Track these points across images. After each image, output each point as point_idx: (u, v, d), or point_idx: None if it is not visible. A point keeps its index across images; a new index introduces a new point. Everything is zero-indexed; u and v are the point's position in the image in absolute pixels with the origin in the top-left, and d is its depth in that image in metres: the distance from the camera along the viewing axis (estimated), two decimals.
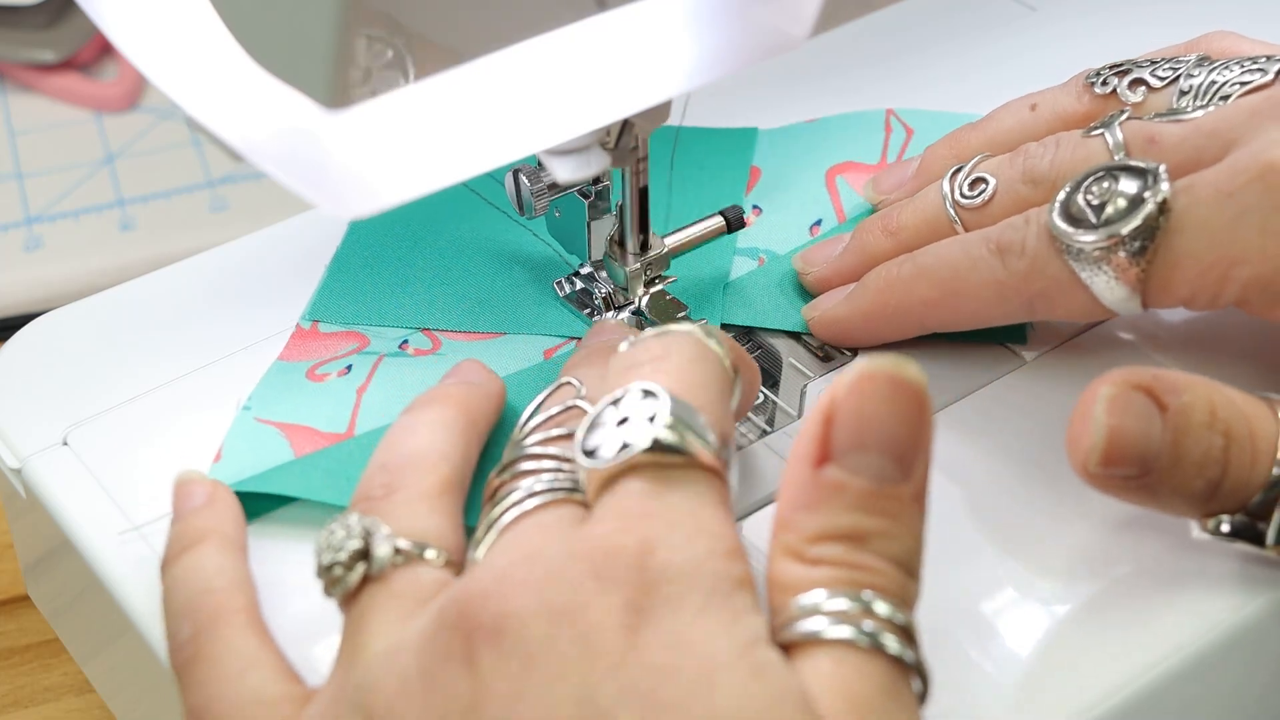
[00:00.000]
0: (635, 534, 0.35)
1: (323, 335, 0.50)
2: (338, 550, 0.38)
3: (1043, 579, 0.43)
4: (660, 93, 0.43)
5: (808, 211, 0.54)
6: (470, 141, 0.39)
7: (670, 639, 0.34)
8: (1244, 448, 0.41)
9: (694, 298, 0.51)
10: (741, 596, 0.35)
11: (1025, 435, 0.47)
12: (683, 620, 0.34)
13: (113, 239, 0.69)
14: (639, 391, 0.37)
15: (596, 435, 0.37)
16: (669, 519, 0.35)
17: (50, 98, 0.76)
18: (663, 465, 0.36)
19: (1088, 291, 0.45)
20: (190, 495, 0.44)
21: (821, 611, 0.35)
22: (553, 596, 0.35)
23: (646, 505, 0.36)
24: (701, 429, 0.37)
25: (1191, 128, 0.46)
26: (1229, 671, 0.43)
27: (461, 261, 0.53)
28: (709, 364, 0.39)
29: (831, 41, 0.63)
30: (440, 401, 0.44)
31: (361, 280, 0.52)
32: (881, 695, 0.34)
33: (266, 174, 0.39)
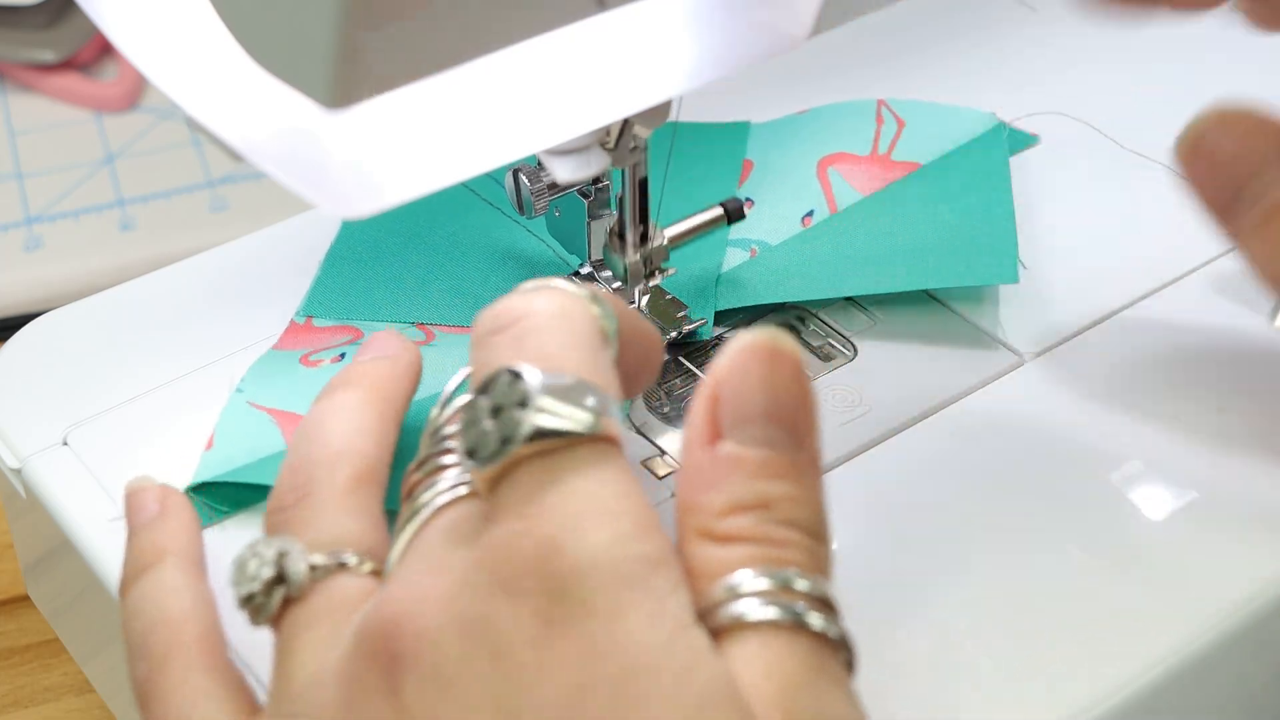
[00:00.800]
0: (533, 534, 0.33)
1: (317, 329, 0.51)
2: (252, 580, 0.37)
3: (1042, 578, 0.43)
4: (660, 93, 0.42)
5: (800, 203, 0.54)
6: (470, 141, 0.39)
7: (587, 647, 0.32)
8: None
9: (687, 290, 0.51)
10: (659, 578, 0.33)
11: (1025, 435, 0.47)
12: (598, 624, 0.32)
13: (113, 239, 0.69)
14: (506, 376, 0.35)
15: (473, 433, 0.35)
16: (566, 510, 0.33)
17: (50, 98, 0.76)
18: (547, 451, 0.34)
19: None
20: (142, 506, 0.43)
21: (744, 593, 0.34)
22: (464, 610, 0.33)
23: (539, 499, 0.34)
24: (580, 399, 0.34)
25: None
26: (1229, 671, 0.43)
27: (455, 257, 0.53)
28: (575, 318, 0.37)
29: (832, 41, 0.63)
30: (349, 384, 0.42)
31: (356, 276, 0.52)
32: (812, 673, 0.34)
33: (266, 174, 0.39)
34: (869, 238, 0.53)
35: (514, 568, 0.33)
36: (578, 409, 0.34)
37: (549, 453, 0.34)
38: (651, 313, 0.50)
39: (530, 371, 0.34)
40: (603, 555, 0.33)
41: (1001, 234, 0.52)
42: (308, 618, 0.37)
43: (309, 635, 0.37)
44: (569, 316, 0.37)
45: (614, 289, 0.50)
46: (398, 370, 0.43)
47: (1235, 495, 0.45)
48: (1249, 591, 0.43)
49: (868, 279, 0.51)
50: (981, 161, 0.55)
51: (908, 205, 0.54)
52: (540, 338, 0.36)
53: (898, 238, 0.53)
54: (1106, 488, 0.46)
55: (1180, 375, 0.49)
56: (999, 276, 0.50)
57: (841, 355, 0.50)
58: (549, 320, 0.36)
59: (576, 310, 0.37)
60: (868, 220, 0.54)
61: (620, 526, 0.33)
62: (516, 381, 0.34)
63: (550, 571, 0.33)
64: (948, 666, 0.41)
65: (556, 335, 0.36)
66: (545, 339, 0.36)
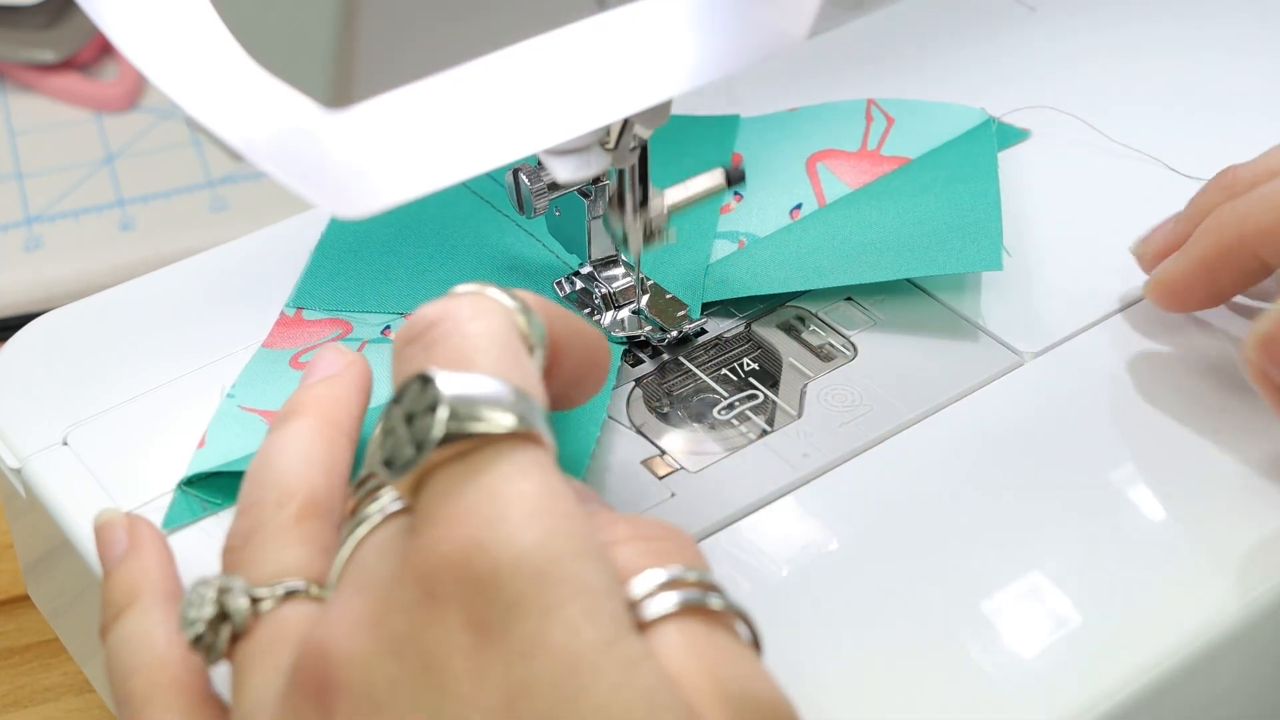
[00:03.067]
0: (455, 540, 0.32)
1: (306, 323, 0.51)
2: (196, 622, 0.37)
3: (1043, 579, 0.43)
4: (660, 93, 0.42)
5: (788, 196, 0.55)
6: (470, 141, 0.39)
7: (523, 649, 0.31)
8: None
9: (675, 281, 0.51)
10: (593, 575, 0.32)
11: (1025, 435, 0.47)
12: (531, 625, 0.32)
13: (113, 239, 0.69)
14: (416, 383, 0.34)
15: (389, 443, 0.34)
16: (487, 512, 0.32)
17: (50, 98, 0.76)
18: (463, 453, 0.33)
19: None
20: (112, 542, 0.42)
21: (656, 589, 0.34)
22: (392, 628, 0.33)
23: (457, 503, 0.33)
24: (491, 400, 0.33)
25: None
26: (1229, 671, 0.43)
27: (445, 249, 0.53)
28: (490, 320, 0.36)
29: (831, 41, 0.63)
30: (297, 414, 0.41)
31: (345, 267, 0.52)
32: (730, 651, 0.34)
33: (266, 174, 0.39)
34: (856, 229, 0.53)
35: (438, 576, 0.32)
36: (491, 408, 0.33)
37: (465, 454, 0.33)
38: (652, 311, 0.50)
39: (440, 375, 0.34)
40: (530, 553, 0.32)
41: (986, 222, 0.52)
42: (256, 651, 0.37)
43: (258, 668, 0.36)
44: (483, 319, 0.36)
45: (615, 282, 0.50)
46: (344, 389, 0.43)
47: (1235, 495, 0.45)
48: (1248, 592, 0.43)
49: (854, 269, 0.51)
50: (969, 154, 0.56)
51: (895, 197, 0.54)
52: (452, 342, 0.35)
53: (885, 229, 0.53)
54: (1106, 487, 0.46)
55: (1180, 375, 0.49)
56: (984, 263, 0.51)
57: (841, 355, 0.50)
58: (461, 324, 0.36)
59: (491, 313, 0.36)
60: (855, 212, 0.54)
61: (546, 523, 0.32)
62: (426, 386, 0.34)
63: (475, 575, 0.32)
64: (948, 666, 0.41)
65: (470, 338, 0.36)
66: (457, 343, 0.35)
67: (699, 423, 0.48)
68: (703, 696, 0.32)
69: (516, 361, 0.36)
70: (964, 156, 0.55)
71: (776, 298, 0.52)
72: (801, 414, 0.48)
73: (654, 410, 0.48)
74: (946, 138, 0.56)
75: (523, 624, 0.32)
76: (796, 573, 0.43)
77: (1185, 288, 0.48)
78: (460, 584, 0.32)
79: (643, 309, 0.50)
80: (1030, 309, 0.51)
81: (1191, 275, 0.48)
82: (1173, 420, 0.47)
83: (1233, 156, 0.56)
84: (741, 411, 0.48)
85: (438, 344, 0.36)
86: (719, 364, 0.50)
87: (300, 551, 0.38)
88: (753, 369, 0.50)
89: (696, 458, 0.47)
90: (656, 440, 0.47)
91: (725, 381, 0.49)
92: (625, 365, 0.50)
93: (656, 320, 0.50)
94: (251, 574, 0.38)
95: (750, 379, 0.49)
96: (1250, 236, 0.46)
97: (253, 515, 0.39)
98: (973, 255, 0.51)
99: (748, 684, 0.33)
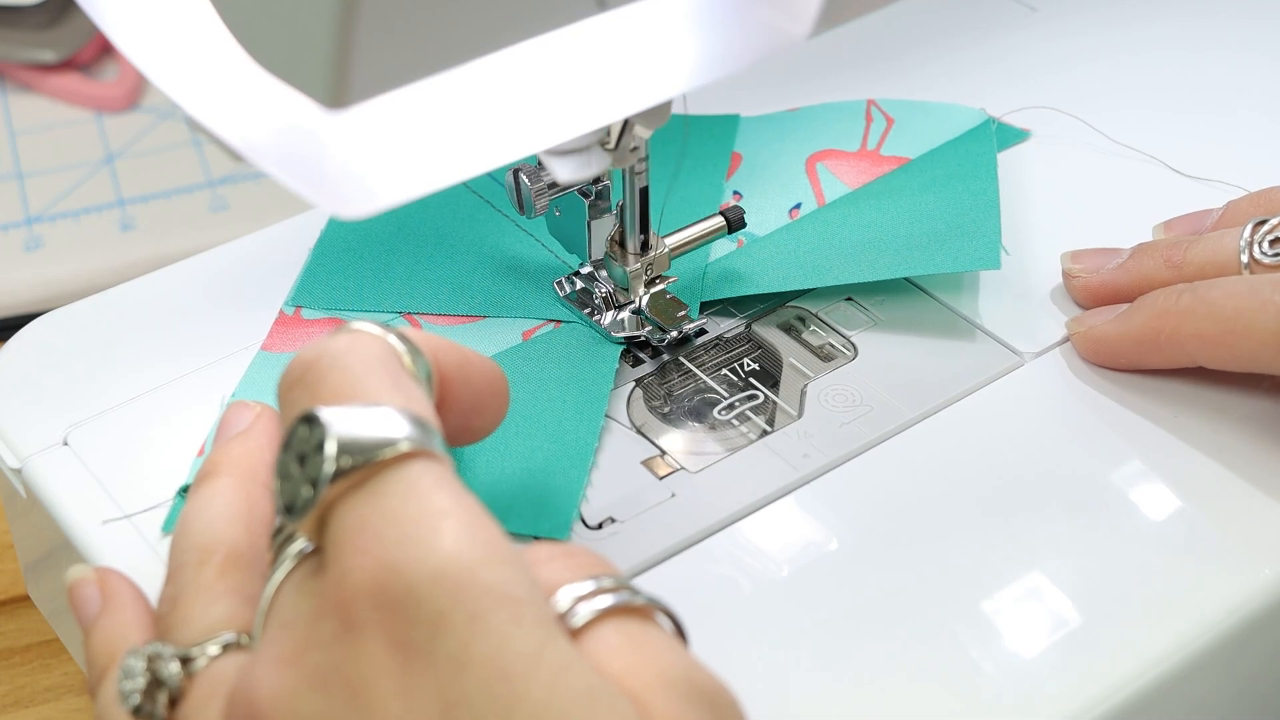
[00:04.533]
0: (365, 567, 0.32)
1: (305, 322, 0.51)
2: (130, 695, 0.37)
3: (1043, 579, 0.43)
4: (660, 93, 0.42)
5: (788, 196, 0.55)
6: (470, 141, 0.39)
7: (451, 664, 0.31)
8: None
9: (674, 281, 0.51)
10: (510, 579, 0.32)
11: (1025, 435, 0.47)
12: (456, 639, 0.31)
13: (113, 239, 0.69)
14: (302, 424, 0.34)
15: (286, 488, 0.34)
16: (393, 534, 0.32)
17: (50, 98, 0.76)
18: (359, 483, 0.33)
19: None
20: (86, 600, 0.42)
21: (586, 595, 0.34)
22: (314, 663, 0.33)
23: (362, 530, 0.33)
24: (378, 425, 0.34)
25: None
26: (1228, 671, 0.43)
27: (443, 247, 0.53)
28: (366, 349, 0.36)
29: (832, 40, 0.63)
30: (214, 474, 0.42)
31: (344, 266, 0.52)
32: (665, 643, 0.34)
33: (266, 174, 0.39)
34: (855, 228, 0.53)
35: (353, 605, 0.32)
36: (380, 433, 0.33)
37: (362, 483, 0.33)
38: (652, 311, 0.50)
39: (324, 411, 0.34)
40: (445, 566, 0.32)
41: (985, 221, 0.52)
42: (194, 709, 0.37)
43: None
44: (360, 350, 0.36)
45: (612, 295, 0.50)
46: (255, 442, 0.43)
47: (1235, 495, 0.45)
48: (1249, 592, 0.43)
49: (853, 269, 0.51)
50: (969, 154, 0.56)
51: (894, 197, 0.54)
52: (333, 377, 0.36)
53: (884, 228, 0.53)
54: (1106, 487, 0.46)
55: (1180, 375, 0.49)
56: (982, 263, 0.51)
57: (842, 355, 0.50)
58: (340, 359, 0.36)
59: (367, 343, 0.37)
60: (855, 212, 0.54)
61: (457, 534, 0.32)
62: (313, 426, 0.34)
63: (391, 598, 0.32)
64: (948, 666, 0.41)
65: (349, 370, 0.36)
66: (338, 377, 0.36)
67: (699, 423, 0.48)
68: (648, 688, 0.33)
69: (398, 385, 0.36)
70: (964, 156, 0.55)
71: (776, 297, 0.52)
72: (801, 414, 0.48)
73: (654, 410, 0.48)
74: (947, 138, 0.56)
75: (447, 638, 0.31)
76: (796, 573, 0.43)
77: (1112, 353, 0.49)
78: (377, 609, 0.32)
79: (643, 309, 0.50)
80: (1030, 309, 0.51)
81: (1121, 345, 0.48)
82: (1172, 420, 0.47)
83: (1233, 157, 0.56)
84: (742, 411, 0.48)
85: (319, 382, 0.36)
86: (719, 364, 0.50)
87: (226, 605, 0.38)
88: (753, 369, 0.50)
89: (696, 458, 0.47)
90: (656, 440, 0.47)
91: (725, 381, 0.49)
92: (625, 365, 0.50)
93: (656, 320, 0.50)
94: (181, 636, 0.38)
95: (750, 379, 0.49)
96: (1188, 339, 0.47)
97: (177, 579, 0.40)
98: (971, 255, 0.51)
99: (690, 672, 0.33)
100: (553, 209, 0.50)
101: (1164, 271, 0.49)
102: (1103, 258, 0.51)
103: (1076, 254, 0.51)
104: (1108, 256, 0.51)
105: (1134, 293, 0.49)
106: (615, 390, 0.49)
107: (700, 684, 0.33)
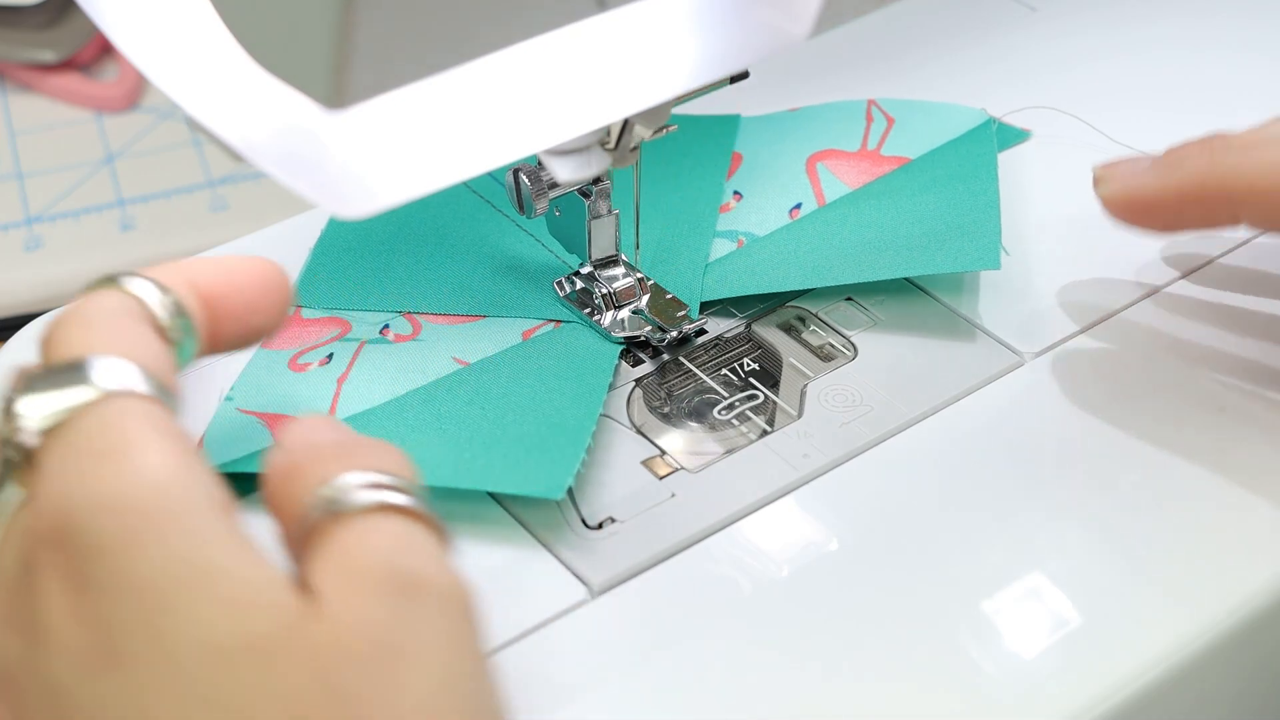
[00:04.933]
0: (43, 507, 0.33)
1: (305, 321, 0.51)
2: None
3: (1043, 579, 0.43)
4: (660, 93, 0.42)
5: (788, 196, 0.55)
6: (470, 141, 0.39)
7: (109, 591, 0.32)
8: None
9: (674, 280, 0.51)
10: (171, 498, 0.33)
11: (1025, 435, 0.47)
12: (110, 564, 0.32)
13: (113, 239, 0.69)
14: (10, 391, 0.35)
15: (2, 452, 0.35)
16: (72, 472, 0.33)
17: (50, 98, 0.76)
18: (61, 428, 0.34)
19: None
20: None
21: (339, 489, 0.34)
22: (6, 608, 0.34)
23: (48, 473, 0.34)
24: (68, 379, 0.35)
25: None
26: (1228, 672, 0.43)
27: (444, 247, 0.53)
28: (98, 304, 0.37)
29: (832, 41, 0.63)
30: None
31: (344, 265, 0.52)
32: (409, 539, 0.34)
33: (266, 174, 0.39)
34: (855, 228, 0.53)
35: (34, 546, 0.33)
36: (71, 385, 0.34)
37: (58, 433, 0.34)
38: (652, 312, 0.50)
39: (25, 372, 0.35)
40: (102, 496, 0.33)
41: (985, 221, 0.52)
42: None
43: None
44: (94, 304, 0.37)
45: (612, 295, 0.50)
46: None
47: (1235, 495, 0.45)
48: (1249, 591, 0.43)
49: (853, 269, 0.51)
50: (969, 154, 0.56)
51: (894, 197, 0.54)
52: (62, 333, 0.37)
53: (883, 228, 0.53)
54: (1106, 487, 0.46)
55: (1180, 375, 0.49)
56: (982, 263, 0.51)
57: (842, 355, 0.50)
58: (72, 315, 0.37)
59: (101, 298, 0.38)
60: (854, 212, 0.54)
61: (116, 465, 0.33)
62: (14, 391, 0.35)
63: (60, 536, 0.33)
64: (948, 666, 0.41)
65: (81, 325, 0.37)
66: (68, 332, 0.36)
67: (699, 423, 0.48)
68: (340, 580, 0.33)
69: (122, 333, 0.36)
70: (964, 157, 0.55)
71: (776, 297, 0.52)
72: (801, 414, 0.48)
73: (654, 410, 0.48)
74: (947, 138, 0.56)
75: (103, 565, 0.32)
76: (796, 573, 0.43)
77: (1147, 209, 0.47)
78: (51, 547, 0.33)
79: (643, 309, 0.50)
80: (1030, 309, 0.51)
81: (1161, 199, 0.47)
82: (1172, 420, 0.47)
83: None
84: (742, 411, 0.48)
85: (52, 340, 0.37)
86: (719, 364, 0.50)
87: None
88: (753, 369, 0.50)
89: (696, 458, 0.47)
90: (656, 440, 0.47)
91: (725, 381, 0.49)
92: (625, 365, 0.50)
93: (656, 320, 0.50)
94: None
95: (750, 379, 0.49)
96: (1238, 192, 0.45)
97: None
98: (971, 255, 0.51)
99: (424, 569, 0.33)
100: (553, 209, 0.50)
101: (1204, 155, 0.47)
102: (1135, 163, 0.49)
103: (1105, 166, 0.50)
104: (1138, 162, 0.49)
105: (1180, 201, 0.47)
106: (615, 390, 0.49)
107: (431, 581, 0.33)
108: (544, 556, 0.44)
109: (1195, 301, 0.51)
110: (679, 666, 0.41)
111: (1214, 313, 0.51)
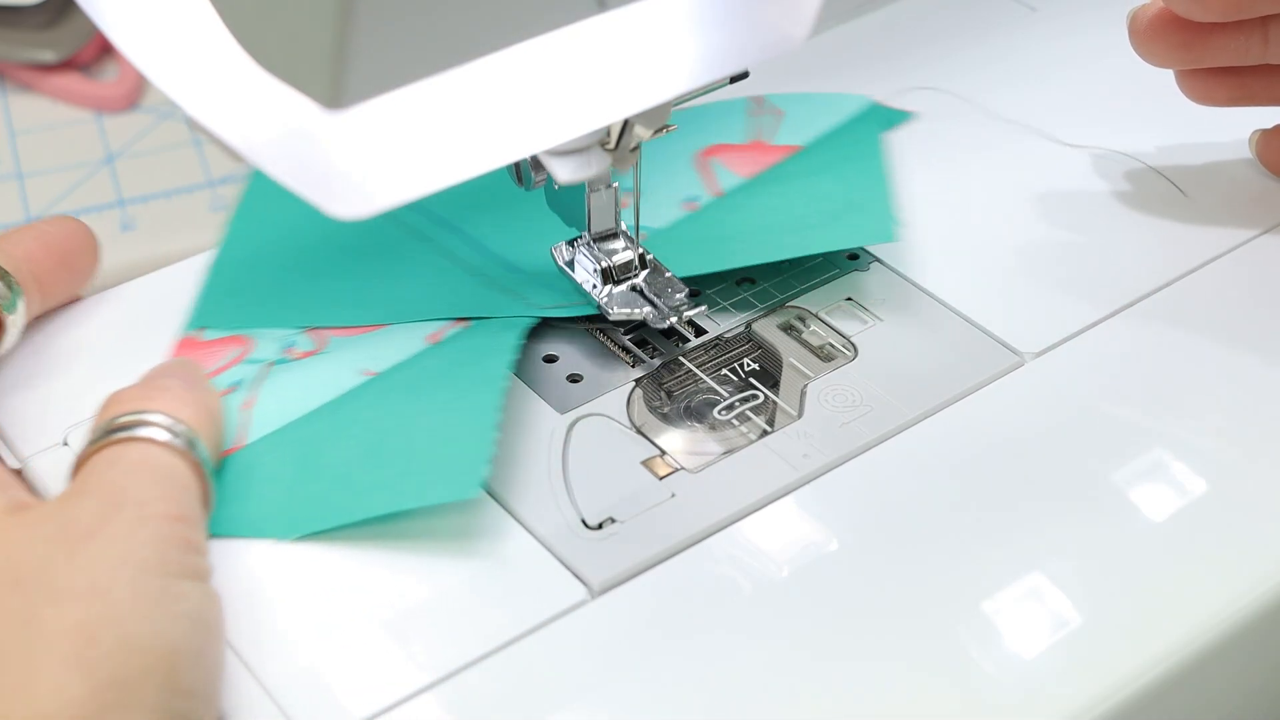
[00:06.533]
0: None
1: (206, 344, 0.50)
2: None
3: (1043, 578, 0.43)
4: (660, 93, 0.42)
5: (681, 188, 0.56)
6: (470, 142, 0.39)
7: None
8: None
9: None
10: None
11: (1025, 435, 0.47)
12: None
13: (113, 239, 0.69)
14: None
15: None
16: None
17: (50, 98, 0.76)
18: None
19: None
20: None
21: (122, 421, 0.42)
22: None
23: None
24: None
25: None
26: (1229, 671, 0.43)
27: (341, 258, 0.52)
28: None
29: (831, 41, 0.63)
30: None
31: (242, 283, 0.52)
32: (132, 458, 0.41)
33: (266, 174, 0.39)
34: (753, 214, 0.54)
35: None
36: None
37: None
38: (650, 290, 0.50)
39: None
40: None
41: (877, 198, 0.54)
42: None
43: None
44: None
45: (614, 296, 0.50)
46: None
47: (1235, 495, 0.45)
48: (1249, 591, 0.43)
49: (756, 250, 0.52)
50: (857, 137, 0.57)
51: (789, 181, 0.55)
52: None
53: (781, 211, 0.54)
54: (1106, 487, 0.46)
55: (1180, 374, 0.49)
56: (878, 236, 0.52)
57: (842, 355, 0.50)
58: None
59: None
60: (751, 198, 0.55)
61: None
62: None
63: None
64: (949, 666, 0.41)
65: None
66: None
67: (699, 423, 0.48)
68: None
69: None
70: (852, 140, 0.57)
71: (775, 298, 0.52)
72: (801, 414, 0.48)
73: (654, 410, 0.48)
74: (834, 124, 0.58)
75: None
76: (796, 573, 0.43)
77: (1175, 27, 0.48)
78: None
79: (645, 291, 0.50)
80: (1030, 309, 0.51)
81: (1189, 11, 0.47)
82: (1172, 420, 0.47)
83: (1234, 157, 0.56)
84: (742, 412, 0.48)
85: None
86: (719, 364, 0.50)
87: None
88: (753, 369, 0.50)
89: (696, 458, 0.47)
90: (656, 440, 0.47)
91: (725, 381, 0.49)
92: (625, 365, 0.50)
93: (655, 299, 0.50)
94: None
95: (750, 379, 0.49)
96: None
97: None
98: (868, 230, 0.53)
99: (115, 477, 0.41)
100: (550, 181, 0.50)
101: None
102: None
103: (1143, 7, 0.50)
104: None
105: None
106: (615, 390, 0.49)
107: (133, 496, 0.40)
108: (544, 556, 0.44)
109: (1195, 302, 0.51)
110: (679, 666, 0.41)
111: (1214, 313, 0.51)
